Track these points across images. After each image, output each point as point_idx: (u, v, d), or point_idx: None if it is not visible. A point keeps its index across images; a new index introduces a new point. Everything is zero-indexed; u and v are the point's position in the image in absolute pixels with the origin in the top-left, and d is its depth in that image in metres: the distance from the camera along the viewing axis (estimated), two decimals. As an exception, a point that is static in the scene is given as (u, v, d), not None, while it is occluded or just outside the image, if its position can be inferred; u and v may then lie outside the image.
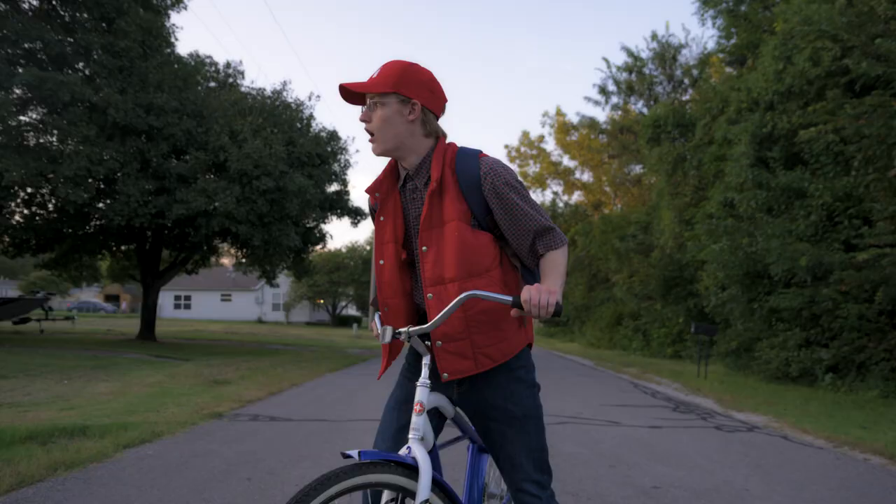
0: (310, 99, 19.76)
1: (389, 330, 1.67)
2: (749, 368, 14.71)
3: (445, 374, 1.68)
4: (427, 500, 1.45)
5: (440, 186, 1.67)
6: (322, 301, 52.44)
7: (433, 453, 1.71)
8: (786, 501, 3.95)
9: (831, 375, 11.61)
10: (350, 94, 1.73)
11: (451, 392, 1.78)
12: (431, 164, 1.69)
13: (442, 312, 1.57)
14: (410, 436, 1.55)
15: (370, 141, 1.72)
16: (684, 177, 20.98)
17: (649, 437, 6.24)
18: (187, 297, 51.59)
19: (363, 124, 1.71)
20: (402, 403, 1.82)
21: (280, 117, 17.05)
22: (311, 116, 18.54)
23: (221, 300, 52.59)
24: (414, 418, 1.57)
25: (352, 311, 56.42)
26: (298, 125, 17.67)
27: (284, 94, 18.38)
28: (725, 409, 8.82)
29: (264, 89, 18.40)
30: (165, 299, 47.22)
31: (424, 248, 1.69)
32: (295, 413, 7.14)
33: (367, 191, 1.80)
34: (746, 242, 13.37)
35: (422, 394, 1.60)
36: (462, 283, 1.63)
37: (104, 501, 3.51)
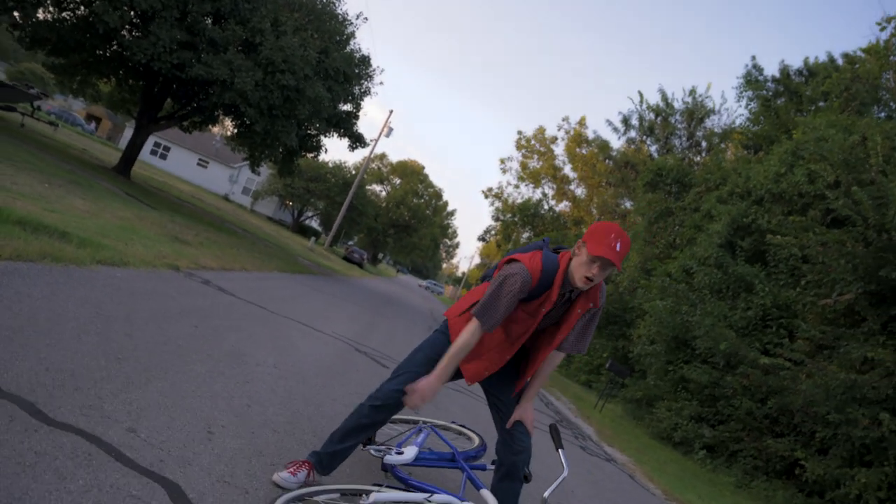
0: (357, 18, 20.02)
1: None
2: (642, 420, 15.83)
3: None
4: None
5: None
6: (290, 203, 52.69)
7: None
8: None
9: (705, 452, 12.70)
10: None
11: None
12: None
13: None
14: None
15: (586, 284, 2.56)
16: (664, 230, 21.91)
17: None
18: (167, 148, 51.21)
19: (593, 272, 2.52)
20: (432, 361, 2.72)
21: (324, 25, 17.37)
22: (351, 34, 18.85)
23: (197, 164, 52.35)
24: None
25: (314, 224, 56.78)
26: (337, 38, 18.00)
27: (335, 4, 18.64)
28: (599, 439, 9.80)
29: (320, -8, 18.62)
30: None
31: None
32: (240, 292, 7.82)
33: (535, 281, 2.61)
34: (686, 310, 14.35)
35: None
36: None
37: (83, 299, 4.21)
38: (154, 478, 2.28)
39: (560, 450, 2.76)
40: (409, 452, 2.89)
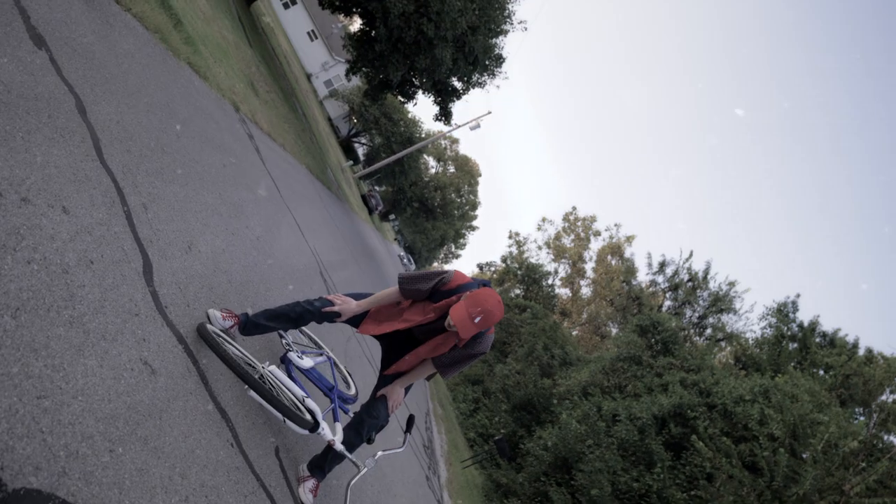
0: (518, 22, 20.32)
1: None
2: (490, 503, 16.38)
3: None
4: None
5: None
6: (355, 121, 53.10)
7: None
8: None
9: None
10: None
11: None
12: None
13: None
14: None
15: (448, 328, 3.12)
16: (623, 371, 22.44)
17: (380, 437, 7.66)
18: (293, 2, 51.76)
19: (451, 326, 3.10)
20: (360, 298, 3.50)
21: (489, 7, 17.76)
22: (504, 31, 19.11)
23: (307, 33, 52.76)
24: None
25: (360, 150, 57.13)
26: (492, 26, 18.41)
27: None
28: (444, 483, 10.32)
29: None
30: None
31: None
32: (269, 164, 8.31)
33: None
34: (589, 444, 14.90)
35: None
36: None
37: (164, 85, 4.75)
38: (140, 248, 2.82)
39: (407, 433, 3.32)
40: (307, 362, 3.44)
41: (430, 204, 63.10)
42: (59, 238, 2.22)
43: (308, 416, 2.94)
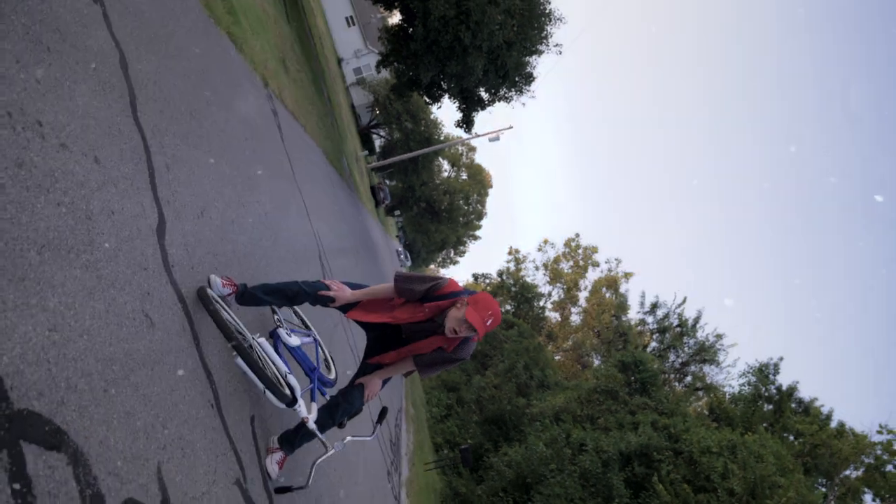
0: (553, 45, 20.19)
1: None
2: (446, 506, 16.53)
3: None
4: None
5: None
6: (377, 112, 53.23)
7: None
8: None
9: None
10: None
11: None
12: None
13: None
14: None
15: (450, 334, 3.25)
16: (598, 403, 22.59)
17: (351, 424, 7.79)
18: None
19: (460, 330, 3.24)
20: (355, 288, 3.66)
21: (528, 24, 17.90)
22: (538, 51, 19.32)
23: (345, 18, 53.09)
24: None
25: (377, 141, 57.21)
26: (528, 44, 18.60)
27: (552, 21, 19.22)
28: (403, 481, 10.45)
29: None
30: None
31: None
32: (288, 142, 8.45)
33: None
34: (552, 468, 15.04)
35: None
36: None
37: (202, 54, 4.89)
38: (158, 206, 2.96)
39: (377, 424, 3.46)
40: (294, 340, 3.58)
41: (436, 206, 63.16)
42: (88, 186, 2.36)
43: (288, 392, 3.08)
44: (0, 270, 1.76)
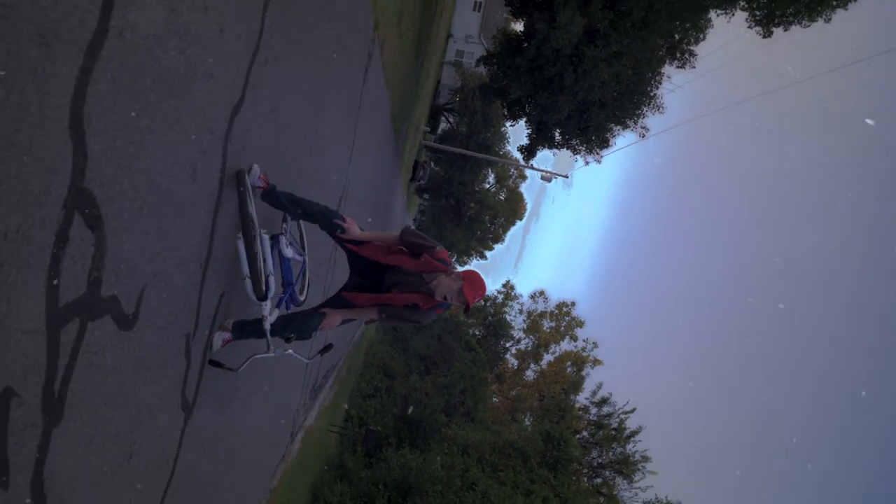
0: (656, 109, 20.36)
1: None
2: (326, 472, 16.89)
3: None
4: None
5: None
6: (457, 98, 53.52)
7: None
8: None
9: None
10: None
11: None
12: None
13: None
14: None
15: (439, 296, 3.70)
16: (507, 458, 22.94)
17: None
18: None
19: (451, 299, 3.71)
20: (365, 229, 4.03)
21: (641, 81, 18.28)
22: (642, 114, 19.50)
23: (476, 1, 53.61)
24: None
25: (442, 124, 57.58)
26: (635, 99, 18.76)
27: (656, 93, 19.39)
28: (304, 424, 10.82)
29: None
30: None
31: None
32: (364, 89, 8.83)
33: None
34: (437, 487, 15.41)
35: None
36: None
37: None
38: (244, 87, 3.35)
39: (318, 354, 3.85)
40: (288, 252, 4.06)
41: (464, 210, 63.40)
42: (206, 48, 2.76)
43: (263, 288, 3.46)
44: (125, 88, 2.15)
